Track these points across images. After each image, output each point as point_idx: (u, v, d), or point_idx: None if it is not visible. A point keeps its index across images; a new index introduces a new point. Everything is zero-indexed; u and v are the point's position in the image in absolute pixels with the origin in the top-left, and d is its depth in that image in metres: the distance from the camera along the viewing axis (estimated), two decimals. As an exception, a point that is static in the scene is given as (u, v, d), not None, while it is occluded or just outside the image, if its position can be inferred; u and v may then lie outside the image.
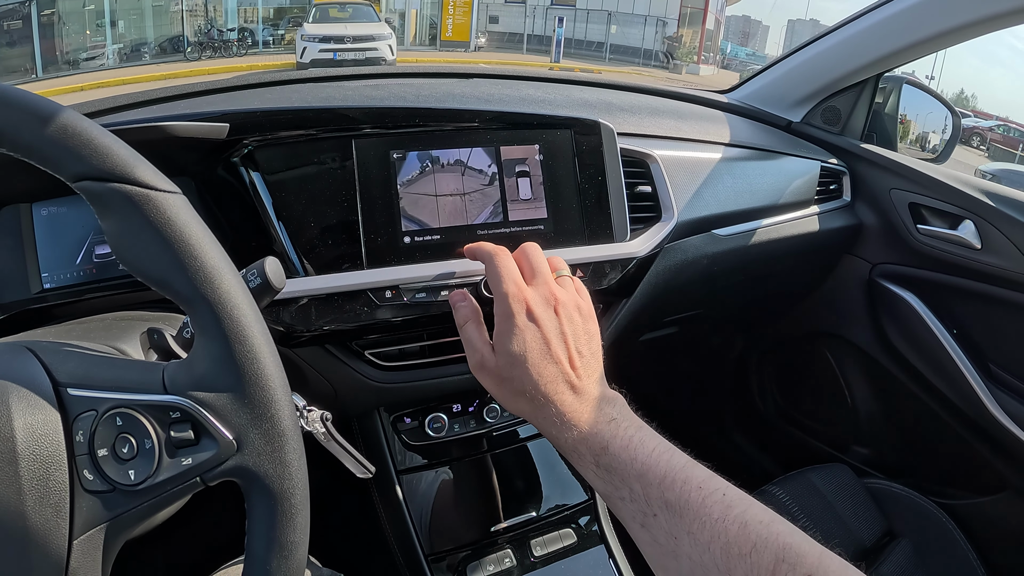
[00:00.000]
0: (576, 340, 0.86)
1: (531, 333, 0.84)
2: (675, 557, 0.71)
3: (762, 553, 0.65)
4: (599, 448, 0.79)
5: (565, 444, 0.82)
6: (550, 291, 0.88)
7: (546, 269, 0.91)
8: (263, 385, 0.58)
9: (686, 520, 0.70)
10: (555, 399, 0.82)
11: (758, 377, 2.34)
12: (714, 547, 0.67)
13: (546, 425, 0.83)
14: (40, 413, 0.56)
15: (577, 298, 0.91)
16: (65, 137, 0.56)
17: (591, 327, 0.90)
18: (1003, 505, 1.75)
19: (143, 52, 20.08)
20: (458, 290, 0.95)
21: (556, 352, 0.84)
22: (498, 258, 0.90)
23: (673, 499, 0.72)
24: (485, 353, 0.87)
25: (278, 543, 0.58)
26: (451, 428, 1.24)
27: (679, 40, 31.82)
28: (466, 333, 0.90)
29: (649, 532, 0.74)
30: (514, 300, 0.85)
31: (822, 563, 0.64)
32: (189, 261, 0.57)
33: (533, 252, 0.93)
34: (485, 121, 1.10)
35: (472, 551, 1.23)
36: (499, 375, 0.86)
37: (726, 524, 0.68)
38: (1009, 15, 1.46)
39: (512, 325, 0.84)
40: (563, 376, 0.83)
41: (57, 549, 0.55)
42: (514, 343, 0.83)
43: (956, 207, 1.61)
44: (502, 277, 0.87)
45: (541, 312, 0.85)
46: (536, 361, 0.83)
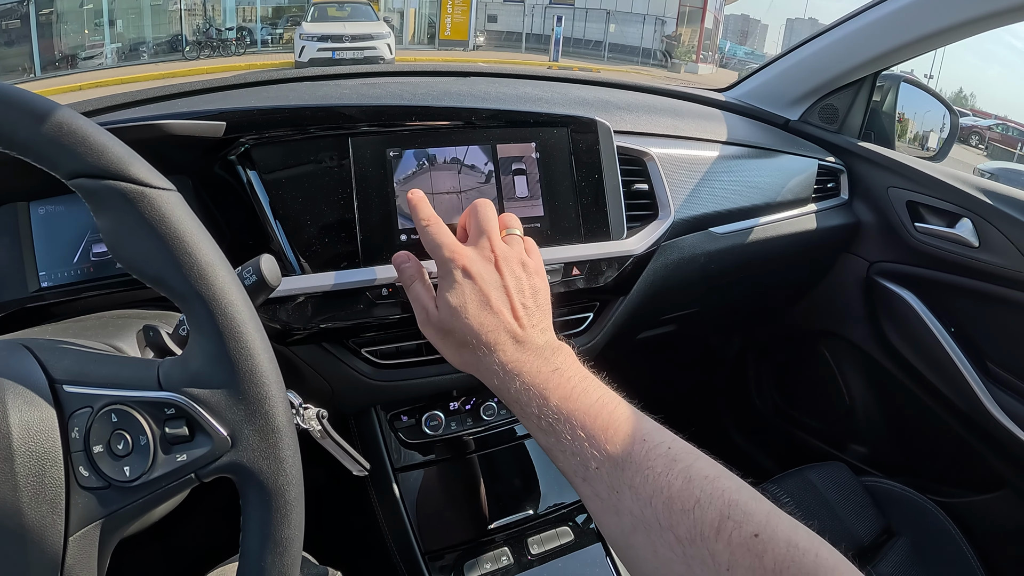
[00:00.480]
0: (520, 292, 0.87)
1: (469, 287, 0.85)
2: (616, 512, 0.70)
3: (706, 509, 0.64)
4: (541, 399, 0.78)
5: (508, 395, 0.82)
6: (490, 248, 0.89)
7: (492, 227, 0.91)
8: (257, 381, 0.59)
9: (628, 473, 0.69)
10: (497, 349, 0.83)
11: (756, 375, 2.34)
12: (656, 502, 0.66)
13: (489, 376, 0.84)
14: (36, 410, 0.56)
15: (522, 254, 0.92)
16: (61, 135, 0.57)
17: (537, 282, 0.91)
18: (1001, 503, 1.75)
19: (141, 51, 20.08)
20: (401, 252, 0.96)
21: (496, 304, 0.85)
22: (430, 227, 0.91)
23: (615, 452, 0.71)
24: (429, 308, 0.88)
25: (272, 539, 0.58)
26: (448, 426, 1.24)
27: (678, 39, 31.83)
28: (412, 291, 0.92)
29: (591, 486, 0.73)
30: (449, 260, 0.86)
31: (769, 521, 0.62)
32: (184, 258, 0.57)
33: (481, 209, 0.93)
34: (482, 119, 1.10)
35: (469, 549, 1.23)
36: (441, 328, 0.87)
37: (669, 478, 0.67)
38: (1006, 13, 1.47)
39: (451, 281, 0.85)
40: (504, 326, 0.84)
41: (53, 546, 0.55)
42: (453, 296, 0.85)
43: (954, 205, 1.62)
44: (437, 243, 0.88)
45: (479, 268, 0.86)
46: (475, 312, 0.84)
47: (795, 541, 0.61)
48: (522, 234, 0.96)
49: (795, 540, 0.61)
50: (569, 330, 1.24)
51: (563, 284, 1.13)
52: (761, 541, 0.61)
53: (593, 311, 1.26)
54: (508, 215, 0.98)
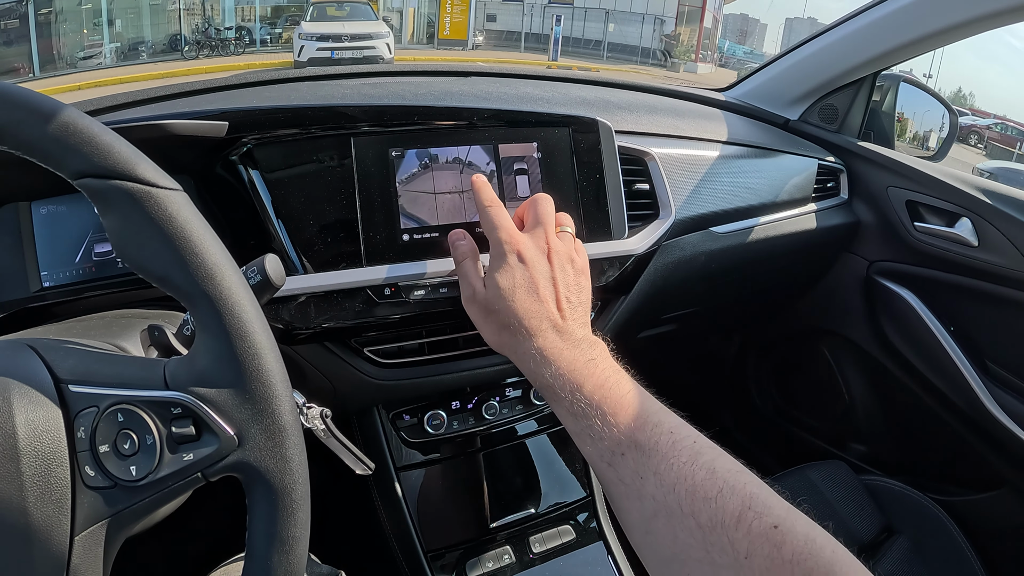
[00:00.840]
0: (566, 287, 0.89)
1: (520, 271, 0.87)
2: (639, 497, 0.72)
3: (728, 499, 0.65)
4: (575, 386, 0.80)
5: (542, 380, 0.84)
6: (545, 240, 0.91)
7: (549, 220, 0.94)
8: (264, 381, 0.59)
9: (654, 461, 0.71)
10: (537, 335, 0.85)
11: (756, 374, 2.34)
12: (679, 489, 0.68)
13: (525, 360, 0.86)
14: (42, 410, 0.56)
15: (572, 252, 0.94)
16: (67, 135, 0.57)
17: (583, 280, 0.93)
18: (1000, 501, 1.75)
19: (140, 51, 20.06)
20: (457, 230, 0.99)
21: (543, 292, 0.87)
22: (491, 208, 0.93)
23: (643, 440, 0.73)
24: (477, 286, 0.90)
25: (279, 538, 0.58)
26: (450, 425, 1.25)
27: (677, 38, 31.82)
28: (462, 268, 0.94)
29: (615, 471, 0.75)
30: (505, 243, 0.89)
31: (789, 516, 0.64)
32: (190, 257, 0.58)
33: (541, 203, 0.96)
34: (483, 119, 1.10)
35: (471, 548, 1.24)
36: (487, 307, 0.89)
37: (694, 468, 0.69)
38: (1005, 13, 1.47)
39: (503, 263, 0.88)
40: (547, 315, 0.86)
41: (59, 545, 0.55)
42: (503, 277, 0.87)
43: (953, 205, 1.62)
44: (495, 225, 0.91)
45: (532, 256, 0.89)
46: (523, 297, 0.86)
47: (813, 536, 0.63)
48: (574, 234, 0.98)
49: (813, 536, 0.63)
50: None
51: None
52: (780, 532, 0.62)
53: (594, 310, 1.26)
54: (563, 214, 1.00)
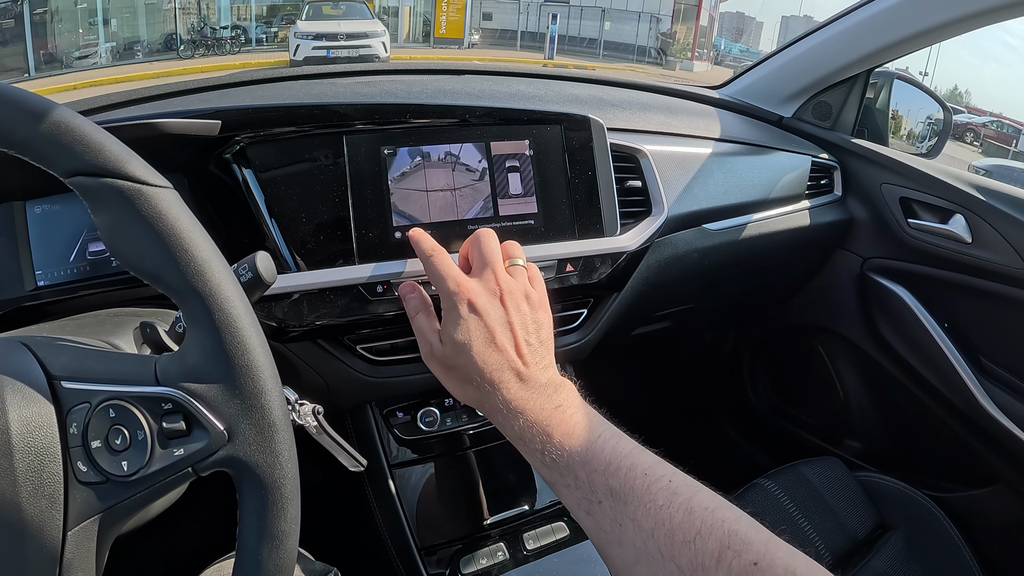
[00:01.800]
0: (524, 329, 0.88)
1: (474, 323, 0.85)
2: (620, 544, 0.71)
3: (706, 540, 0.65)
4: (545, 436, 0.80)
5: (512, 432, 0.83)
6: (496, 282, 0.89)
7: (496, 259, 0.92)
8: (253, 376, 0.59)
9: (631, 506, 0.71)
10: (501, 387, 0.84)
11: (750, 371, 2.35)
12: (658, 534, 0.68)
13: (493, 413, 0.85)
14: (34, 406, 0.56)
15: (527, 287, 0.92)
16: (59, 133, 0.57)
17: (540, 316, 0.91)
18: (995, 497, 1.76)
19: (136, 50, 20.03)
20: (407, 282, 0.97)
21: (501, 341, 0.85)
22: (434, 258, 0.91)
23: (618, 486, 0.73)
24: (434, 343, 0.89)
25: (269, 533, 0.59)
26: (443, 422, 1.25)
27: (673, 36, 31.82)
28: (417, 324, 0.93)
29: (594, 519, 0.74)
30: (455, 294, 0.87)
31: (768, 550, 0.64)
32: (180, 254, 0.58)
33: (485, 241, 0.94)
34: (476, 117, 1.11)
35: (465, 545, 1.24)
36: (446, 364, 0.88)
37: (671, 511, 0.68)
38: (999, 10, 1.47)
39: (456, 316, 0.86)
40: (508, 364, 0.85)
41: (52, 540, 0.55)
42: (458, 333, 0.85)
43: (947, 201, 1.62)
44: (441, 275, 0.89)
45: (484, 303, 0.87)
46: (480, 349, 0.84)
47: (792, 567, 0.63)
48: (525, 263, 0.97)
49: (793, 567, 0.63)
50: (563, 327, 1.25)
51: (557, 281, 1.14)
52: (760, 569, 0.62)
53: (587, 307, 1.27)
54: (511, 244, 0.99)
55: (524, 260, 0.97)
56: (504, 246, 0.96)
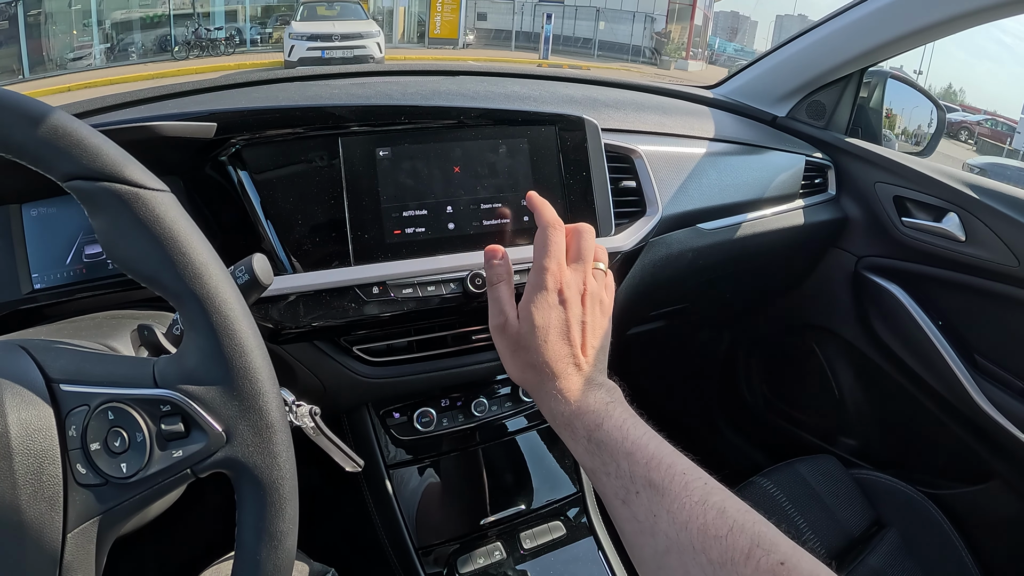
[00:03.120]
0: (593, 332, 0.91)
1: (557, 312, 0.88)
2: (652, 534, 0.73)
3: (738, 536, 0.67)
4: (593, 424, 0.82)
5: (560, 418, 0.85)
6: (584, 279, 0.92)
7: (589, 257, 0.95)
8: (251, 378, 0.59)
9: (667, 500, 0.73)
10: (561, 376, 0.86)
11: (746, 370, 2.35)
12: (692, 527, 0.69)
13: (546, 398, 0.87)
14: (33, 409, 0.57)
15: (603, 293, 0.95)
16: (56, 137, 0.57)
17: (605, 324, 0.94)
18: (990, 494, 1.76)
19: (130, 52, 19.99)
20: (495, 246, 0.97)
21: (573, 335, 0.88)
22: (552, 230, 0.93)
23: (657, 479, 0.75)
24: (510, 317, 0.91)
25: (267, 533, 0.59)
26: (440, 423, 1.25)
27: (667, 36, 31.80)
28: (496, 291, 0.94)
29: (630, 508, 0.76)
30: (551, 276, 0.89)
31: (795, 554, 0.66)
32: (178, 257, 0.58)
33: (585, 236, 0.96)
34: (470, 118, 1.11)
35: (462, 544, 1.24)
36: (517, 342, 0.90)
37: (705, 508, 0.70)
38: (991, 9, 1.47)
39: (543, 299, 0.88)
40: (573, 358, 0.88)
41: (51, 542, 0.55)
42: (539, 315, 0.88)
43: (940, 200, 1.63)
44: (549, 251, 0.91)
45: (571, 296, 0.89)
46: (555, 338, 0.87)
47: (817, 573, 0.64)
48: (607, 268, 0.99)
49: (817, 572, 0.64)
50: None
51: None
52: (787, 569, 0.64)
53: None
54: (601, 248, 1.00)
55: (606, 265, 0.99)
56: (596, 248, 0.98)
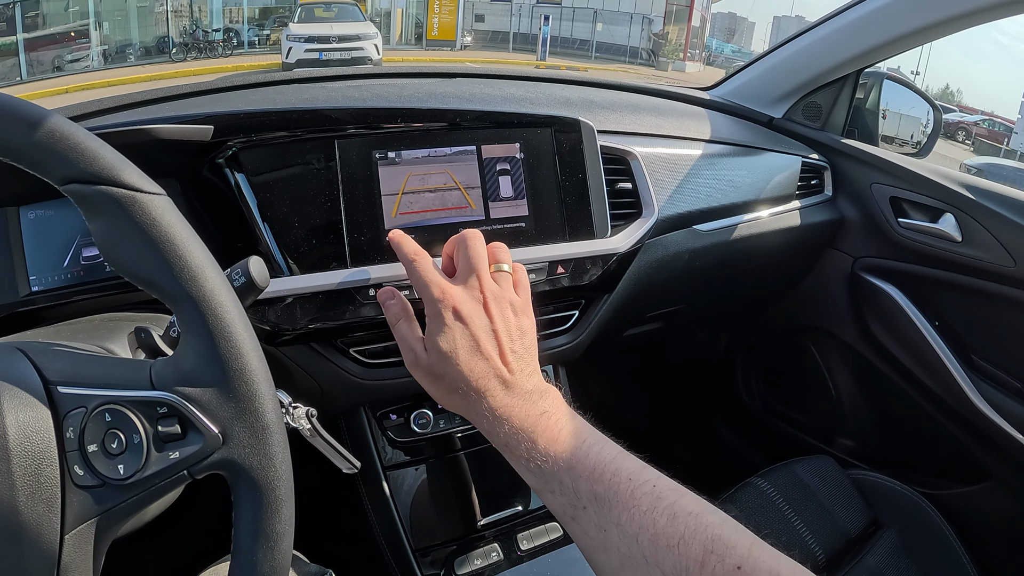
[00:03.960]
0: (509, 337, 0.88)
1: (459, 331, 0.85)
2: (605, 550, 0.72)
3: (690, 544, 0.66)
4: (530, 443, 0.80)
5: (497, 439, 0.84)
6: (480, 288, 0.89)
7: (481, 263, 0.91)
8: (247, 380, 0.60)
9: (615, 512, 0.71)
10: (486, 395, 0.84)
11: (743, 370, 2.35)
12: (642, 538, 0.68)
13: (479, 420, 0.85)
14: (31, 411, 0.57)
15: (511, 293, 0.92)
16: (53, 141, 0.58)
17: (524, 322, 0.91)
18: (987, 494, 1.76)
19: (128, 53, 19.99)
20: (386, 288, 0.96)
21: (486, 349, 0.85)
22: (416, 263, 0.90)
23: (602, 491, 0.73)
24: (418, 351, 0.88)
25: (264, 534, 0.59)
26: (436, 424, 1.25)
27: (665, 37, 31.82)
28: (399, 331, 0.92)
29: (579, 525, 0.75)
30: (439, 301, 0.86)
31: (752, 553, 0.64)
32: (174, 260, 0.59)
33: (471, 243, 0.93)
34: (467, 120, 1.11)
35: (459, 546, 1.24)
36: (431, 372, 0.87)
37: (654, 515, 0.69)
38: (987, 10, 1.48)
39: (441, 324, 0.85)
40: (494, 372, 0.85)
41: (49, 544, 0.56)
42: (443, 341, 0.84)
43: (937, 200, 1.63)
44: (425, 282, 0.88)
45: (469, 310, 0.86)
46: (466, 358, 0.84)
47: (777, 570, 0.63)
48: (510, 266, 0.96)
49: (777, 569, 0.63)
50: (554, 328, 1.26)
51: (548, 283, 1.15)
52: (744, 573, 0.63)
53: (578, 309, 1.28)
54: (497, 247, 0.97)
55: (510, 264, 0.96)
56: (490, 248, 0.95)
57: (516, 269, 0.97)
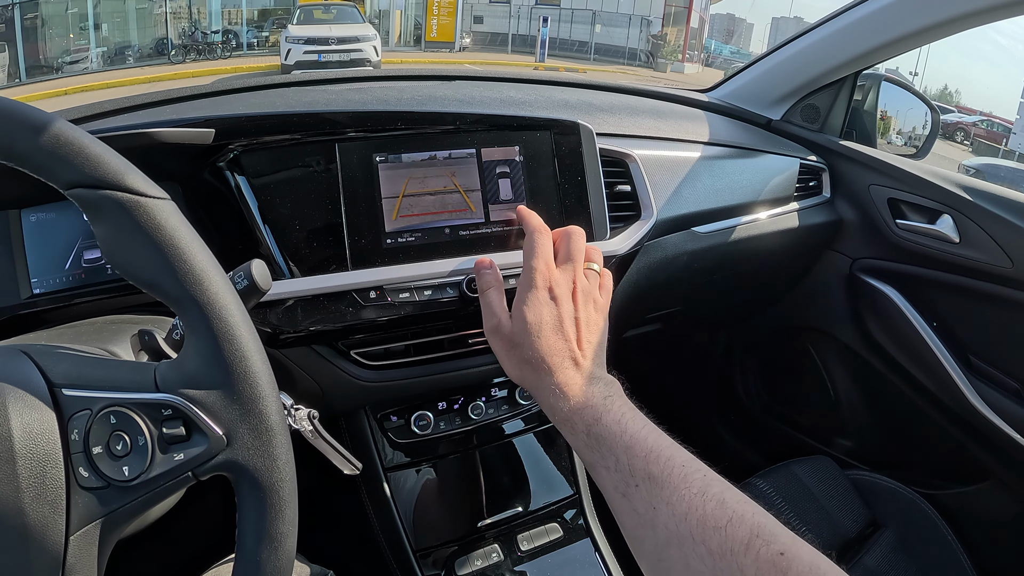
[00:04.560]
0: (587, 327, 0.92)
1: (548, 308, 0.90)
2: (652, 527, 0.73)
3: (737, 527, 0.67)
4: (592, 419, 0.82)
5: (560, 413, 0.86)
6: (573, 278, 0.94)
7: (579, 257, 0.97)
8: (251, 382, 0.60)
9: (666, 492, 0.73)
10: (558, 371, 0.87)
11: (742, 371, 2.35)
12: (691, 518, 0.70)
13: (545, 394, 0.88)
14: (36, 413, 0.57)
15: (596, 292, 0.97)
16: (58, 146, 0.58)
17: (601, 320, 0.95)
18: (985, 494, 1.77)
19: (127, 55, 19.96)
20: (485, 257, 1.02)
21: (567, 330, 0.89)
22: (538, 234, 0.96)
23: (656, 472, 0.75)
24: (503, 318, 0.93)
25: (267, 535, 0.60)
26: (437, 426, 1.26)
27: (664, 39, 31.76)
28: (487, 297, 0.96)
29: (629, 502, 0.77)
30: (539, 275, 0.91)
31: (795, 544, 0.66)
32: (178, 264, 0.59)
33: (574, 238, 0.99)
34: (466, 123, 1.12)
35: (460, 546, 1.25)
36: (511, 340, 0.91)
37: (704, 499, 0.71)
38: (986, 12, 1.48)
39: (533, 297, 0.90)
40: (569, 353, 0.88)
41: (54, 545, 0.56)
42: (530, 313, 0.89)
43: (934, 202, 1.63)
44: (536, 252, 0.94)
45: (561, 293, 0.91)
46: (548, 333, 0.88)
47: (817, 563, 0.65)
48: (601, 269, 1.01)
49: (817, 563, 0.65)
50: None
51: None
52: (786, 559, 0.64)
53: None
54: (594, 249, 1.03)
55: (600, 267, 1.01)
56: (588, 249, 1.00)
57: (604, 273, 1.01)
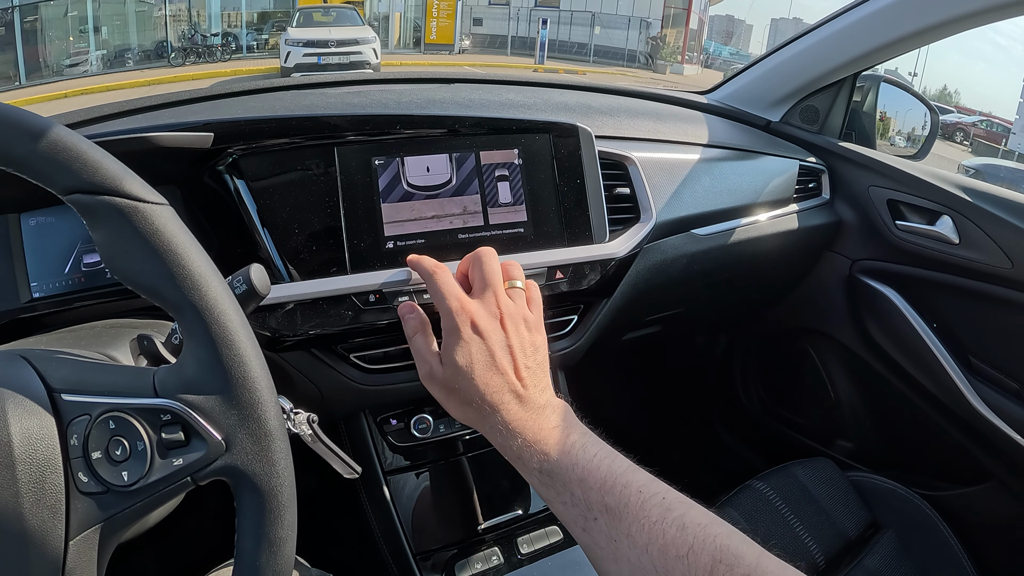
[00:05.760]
0: (523, 352, 0.89)
1: (476, 345, 0.86)
2: (615, 560, 0.73)
3: (699, 554, 0.66)
4: (542, 455, 0.81)
5: (510, 452, 0.84)
6: (496, 304, 0.90)
7: (496, 280, 0.93)
8: (250, 387, 0.60)
9: (625, 523, 0.72)
10: (501, 408, 0.85)
11: (742, 373, 2.35)
12: (652, 549, 0.69)
13: (492, 434, 0.86)
14: (35, 418, 0.57)
15: (524, 310, 0.93)
16: (57, 152, 0.58)
17: (537, 339, 0.93)
18: (986, 495, 1.77)
19: (127, 58, 19.97)
20: (406, 302, 0.99)
21: (501, 363, 0.86)
22: (436, 276, 0.92)
23: (613, 503, 0.74)
24: (433, 364, 0.90)
25: (267, 539, 0.60)
26: (436, 429, 1.26)
27: (663, 40, 31.80)
28: (415, 344, 0.93)
29: (590, 535, 0.76)
30: (457, 315, 0.87)
31: (760, 563, 0.65)
32: (177, 269, 0.59)
33: (487, 261, 0.95)
34: (465, 127, 1.12)
35: (459, 550, 1.24)
36: (447, 386, 0.88)
37: (664, 526, 0.70)
38: (985, 13, 1.48)
39: (457, 338, 0.86)
40: (508, 386, 0.86)
41: (54, 550, 0.56)
42: (459, 355, 0.86)
43: (934, 203, 1.64)
44: (444, 294, 0.90)
45: (486, 325, 0.88)
46: (482, 372, 0.85)
47: None
48: (524, 284, 0.98)
49: None
50: (554, 332, 1.26)
51: (547, 288, 1.15)
52: None
53: (577, 313, 1.28)
54: (511, 264, 0.99)
55: (523, 281, 0.98)
56: (504, 266, 0.97)
57: (529, 286, 0.99)
